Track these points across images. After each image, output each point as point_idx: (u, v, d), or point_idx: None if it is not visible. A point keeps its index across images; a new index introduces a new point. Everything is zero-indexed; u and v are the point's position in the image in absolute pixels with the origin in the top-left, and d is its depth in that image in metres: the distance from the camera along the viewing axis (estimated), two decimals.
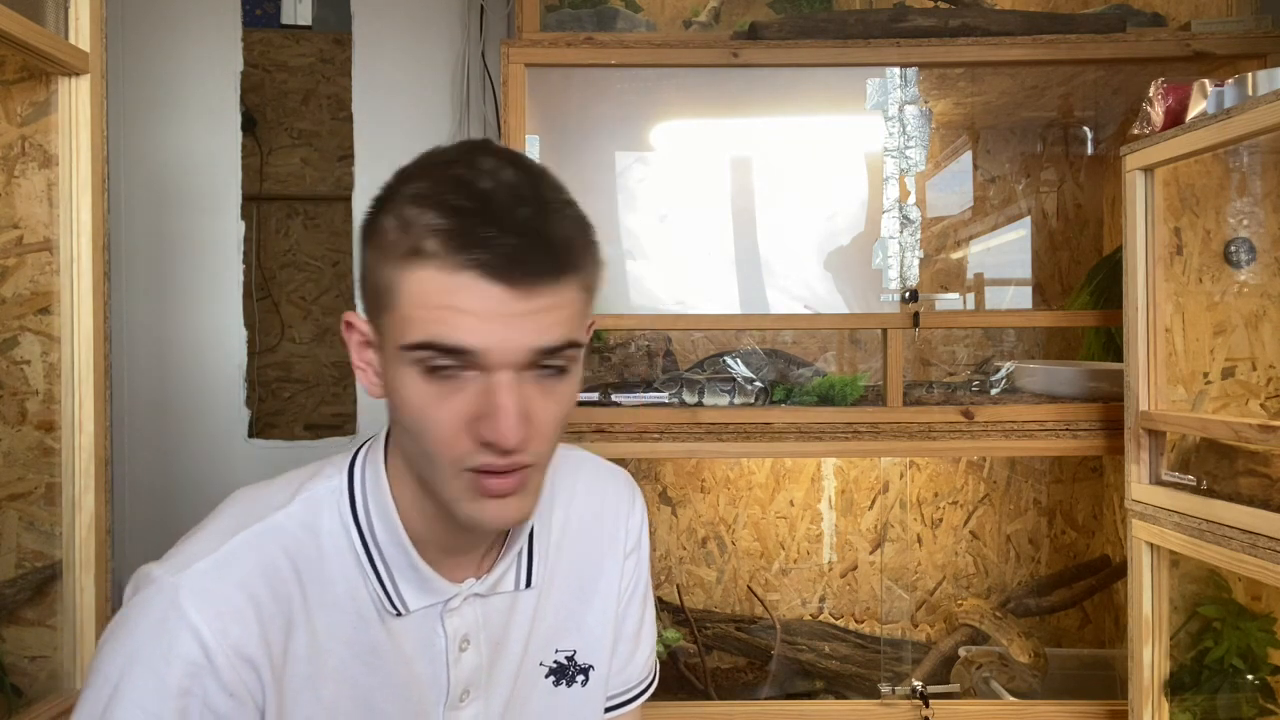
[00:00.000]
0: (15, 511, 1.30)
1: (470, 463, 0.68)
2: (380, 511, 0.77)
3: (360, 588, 0.76)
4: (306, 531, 0.76)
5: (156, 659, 0.67)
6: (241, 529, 0.74)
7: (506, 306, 0.65)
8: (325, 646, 0.75)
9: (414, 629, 0.78)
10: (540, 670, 0.86)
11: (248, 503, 0.78)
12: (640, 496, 0.96)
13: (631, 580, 0.94)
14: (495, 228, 0.65)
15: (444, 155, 0.71)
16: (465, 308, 0.65)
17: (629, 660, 0.95)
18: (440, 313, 0.65)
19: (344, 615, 0.76)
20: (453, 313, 0.65)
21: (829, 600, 2.06)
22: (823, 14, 1.70)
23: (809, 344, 2.04)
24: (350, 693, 0.76)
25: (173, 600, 0.68)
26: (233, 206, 2.33)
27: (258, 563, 0.73)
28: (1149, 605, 1.44)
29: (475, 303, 0.65)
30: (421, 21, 2.33)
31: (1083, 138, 2.07)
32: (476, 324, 0.65)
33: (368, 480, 0.78)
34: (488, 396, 0.67)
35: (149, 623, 0.69)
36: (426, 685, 0.79)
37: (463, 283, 0.65)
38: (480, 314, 0.65)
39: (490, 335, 0.65)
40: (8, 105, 1.29)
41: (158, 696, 0.67)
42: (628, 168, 1.85)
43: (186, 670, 0.67)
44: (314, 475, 0.79)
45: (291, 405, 3.13)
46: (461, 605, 0.80)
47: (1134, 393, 1.46)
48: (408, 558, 0.76)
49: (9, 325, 1.30)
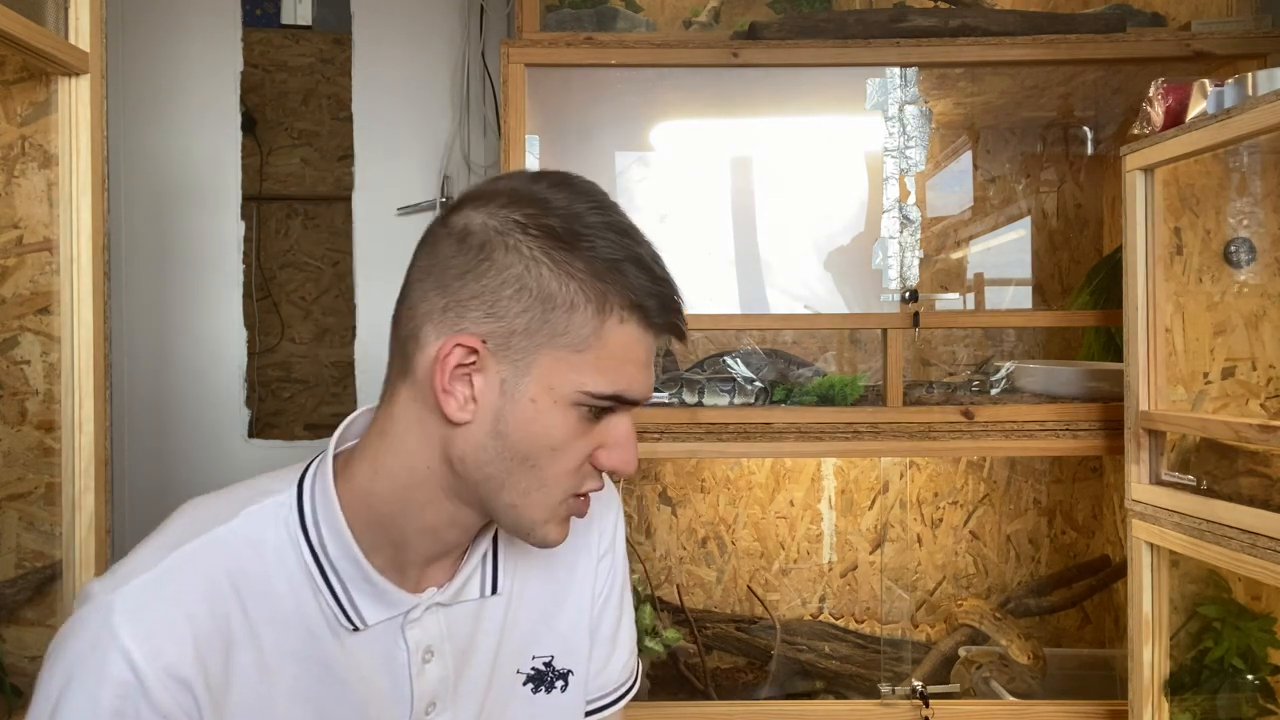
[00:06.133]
0: (15, 511, 1.30)
1: (581, 489, 0.76)
2: (330, 525, 0.75)
3: (309, 603, 0.75)
4: (249, 546, 0.74)
5: (89, 679, 0.67)
6: (181, 544, 0.72)
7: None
8: (275, 665, 0.74)
9: (373, 643, 0.77)
10: (518, 678, 0.86)
11: (192, 516, 0.76)
12: (616, 498, 0.95)
13: (606, 583, 0.93)
14: (675, 295, 0.74)
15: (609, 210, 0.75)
16: (646, 362, 0.74)
17: (606, 663, 0.94)
18: (634, 369, 0.73)
19: (292, 631, 0.74)
20: (641, 369, 0.74)
21: (829, 600, 2.06)
22: (822, 14, 1.70)
23: (809, 344, 2.04)
24: (306, 711, 0.75)
25: (105, 620, 0.68)
26: (233, 206, 2.33)
27: (196, 579, 0.71)
28: (1149, 605, 1.44)
29: (650, 357, 0.75)
30: (421, 21, 2.33)
31: (1083, 138, 2.07)
32: (648, 376, 0.75)
33: (318, 495, 0.76)
34: (621, 430, 0.75)
35: (84, 642, 0.68)
36: (388, 700, 0.78)
37: (653, 343, 0.74)
38: (650, 367, 0.75)
39: (650, 386, 0.76)
40: (8, 105, 1.29)
41: (92, 717, 0.66)
42: (628, 168, 1.85)
43: (117, 692, 0.67)
44: (261, 489, 0.78)
45: (291, 405, 3.13)
46: (423, 616, 0.78)
47: (1134, 393, 1.46)
48: (360, 571, 0.75)
49: (9, 325, 1.30)
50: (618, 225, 0.73)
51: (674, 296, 0.73)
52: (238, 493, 0.78)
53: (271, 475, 0.80)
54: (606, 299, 0.71)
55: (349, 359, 2.68)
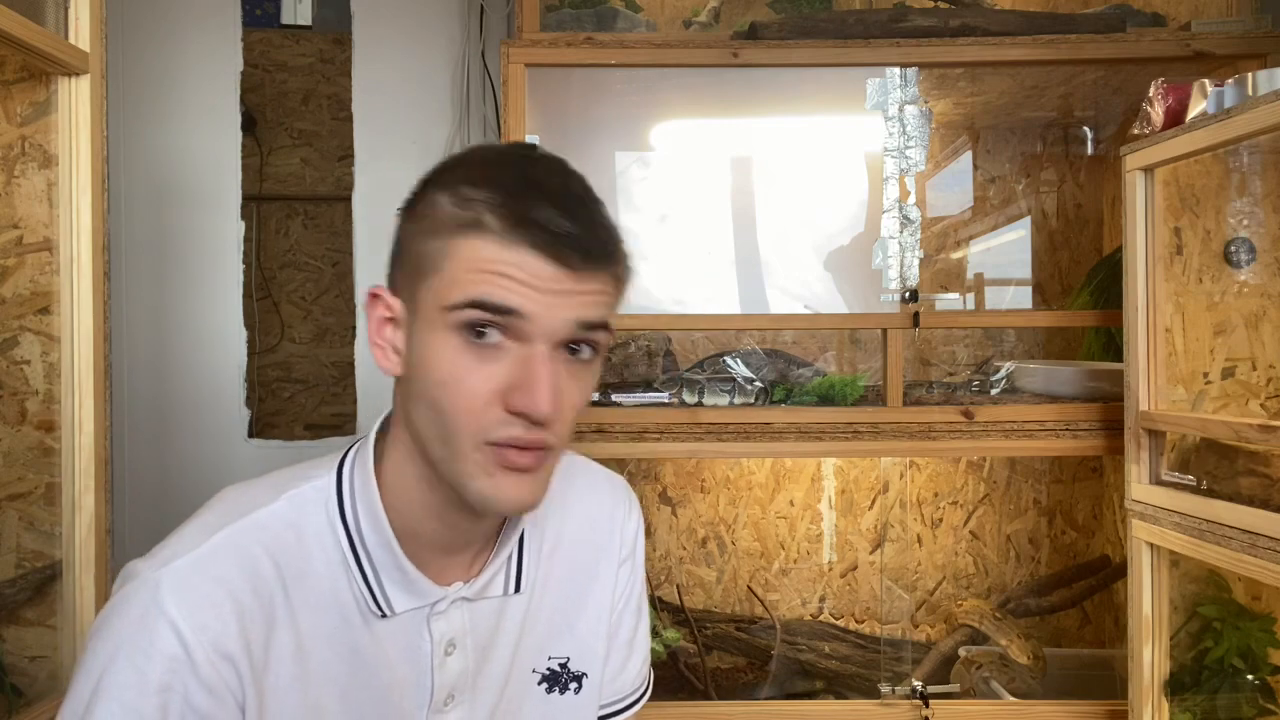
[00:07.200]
0: (15, 511, 1.30)
1: (495, 435, 0.69)
2: (368, 511, 0.76)
3: (344, 588, 0.76)
4: (290, 530, 0.75)
5: (137, 654, 0.67)
6: (224, 526, 0.73)
7: (554, 283, 0.69)
8: (309, 647, 0.75)
9: (399, 632, 0.78)
10: (533, 677, 0.86)
11: (233, 500, 0.77)
12: (636, 504, 0.96)
13: (626, 588, 0.93)
14: (552, 209, 0.69)
15: (496, 147, 0.76)
16: (516, 276, 0.68)
17: (621, 669, 0.94)
18: (493, 276, 0.68)
19: (327, 615, 0.75)
20: (505, 278, 0.68)
21: (829, 600, 2.06)
22: (822, 14, 1.70)
23: (809, 344, 2.04)
24: (333, 693, 0.76)
25: (154, 596, 0.69)
26: (233, 206, 2.33)
27: (239, 560, 0.72)
28: (1149, 605, 1.44)
29: (526, 274, 0.68)
30: (421, 21, 2.33)
31: (1083, 138, 2.07)
32: (526, 290, 0.68)
33: (356, 480, 0.77)
34: (525, 366, 0.69)
35: (131, 618, 0.69)
36: (409, 689, 0.78)
37: (517, 256, 0.68)
38: (530, 284, 0.68)
39: (538, 302, 0.68)
40: (8, 105, 1.29)
41: (139, 691, 0.67)
42: (628, 168, 1.85)
43: (166, 666, 0.67)
44: (301, 474, 0.79)
45: (291, 405, 3.13)
46: (449, 609, 0.79)
47: (1134, 393, 1.46)
48: (394, 559, 0.76)
49: (9, 325, 1.30)
50: (500, 158, 0.74)
51: (533, 208, 0.68)
52: (279, 477, 0.79)
53: (314, 462, 0.81)
54: (454, 219, 0.70)
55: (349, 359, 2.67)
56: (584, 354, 0.72)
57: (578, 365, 0.72)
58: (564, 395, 0.70)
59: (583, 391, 0.73)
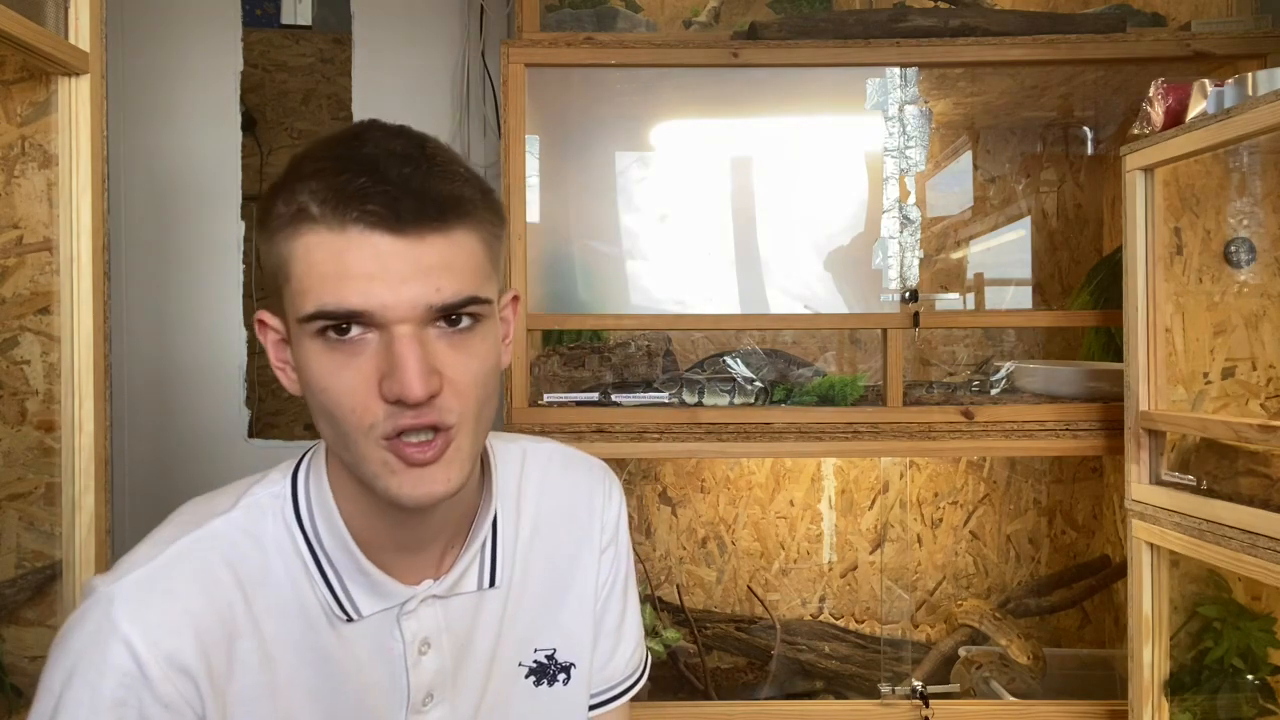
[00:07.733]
0: (15, 511, 1.30)
1: (385, 429, 0.67)
2: (324, 516, 0.75)
3: (308, 593, 0.75)
4: (248, 538, 0.74)
5: (91, 671, 0.67)
6: (179, 538, 0.73)
7: (395, 261, 0.65)
8: (276, 654, 0.74)
9: (368, 634, 0.77)
10: (520, 670, 0.85)
11: (191, 511, 0.77)
12: (617, 487, 0.94)
13: (610, 574, 0.92)
14: (375, 180, 0.65)
15: (329, 134, 0.71)
16: (354, 269, 0.65)
17: (610, 657, 0.93)
18: (329, 280, 0.65)
19: (292, 622, 0.75)
20: (340, 277, 0.65)
21: (829, 600, 2.06)
22: (822, 14, 1.70)
23: (809, 344, 2.04)
24: (305, 699, 0.75)
25: (106, 612, 0.68)
26: (233, 206, 2.33)
27: (194, 571, 0.72)
28: (1149, 605, 1.44)
29: (363, 261, 0.65)
30: (421, 21, 2.33)
31: (1083, 138, 2.07)
32: (365, 284, 0.65)
33: (311, 485, 0.77)
34: (389, 351, 0.66)
35: (85, 635, 0.69)
36: (384, 691, 0.78)
37: (349, 240, 0.65)
38: (369, 273, 0.65)
39: (380, 293, 0.65)
40: (8, 105, 1.29)
41: (93, 709, 0.67)
42: (628, 168, 1.85)
43: (120, 682, 0.67)
44: (257, 481, 0.78)
45: (291, 405, 3.13)
46: (419, 608, 0.78)
47: (1134, 393, 1.46)
48: (355, 562, 0.75)
49: (9, 325, 1.30)
50: (325, 144, 0.69)
51: (354, 184, 0.65)
52: (236, 487, 0.79)
53: (277, 467, 0.80)
54: (284, 218, 0.67)
55: None
56: (463, 324, 0.69)
57: (461, 336, 0.69)
58: (449, 372, 0.68)
59: (480, 361, 0.70)
